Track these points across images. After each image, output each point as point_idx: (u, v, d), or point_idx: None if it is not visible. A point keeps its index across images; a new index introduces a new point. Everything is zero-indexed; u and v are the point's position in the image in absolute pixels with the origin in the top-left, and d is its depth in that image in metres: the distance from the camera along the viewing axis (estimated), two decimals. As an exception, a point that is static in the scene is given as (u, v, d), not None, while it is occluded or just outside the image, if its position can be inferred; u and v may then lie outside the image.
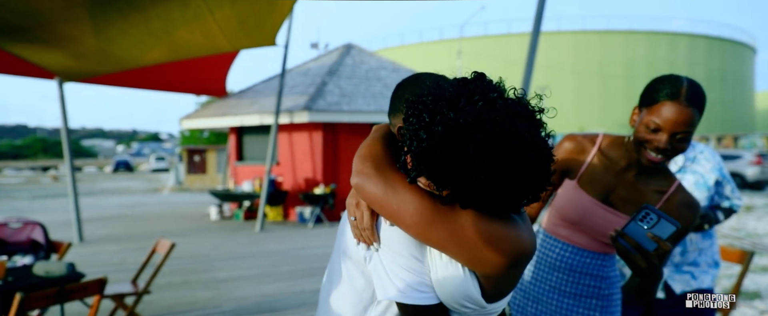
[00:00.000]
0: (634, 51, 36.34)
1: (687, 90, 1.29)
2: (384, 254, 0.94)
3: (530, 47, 4.95)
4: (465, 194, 0.84)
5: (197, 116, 11.66)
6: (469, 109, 0.83)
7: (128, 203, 14.19)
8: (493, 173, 0.80)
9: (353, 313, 1.02)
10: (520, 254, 0.91)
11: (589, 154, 1.56)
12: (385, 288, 0.93)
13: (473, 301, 0.93)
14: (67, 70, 6.56)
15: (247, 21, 5.46)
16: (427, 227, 0.89)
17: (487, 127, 0.81)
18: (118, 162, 40.89)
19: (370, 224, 0.96)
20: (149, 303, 4.28)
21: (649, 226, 1.07)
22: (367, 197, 0.95)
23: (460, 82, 0.89)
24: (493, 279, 0.92)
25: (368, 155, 0.99)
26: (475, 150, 0.80)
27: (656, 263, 1.10)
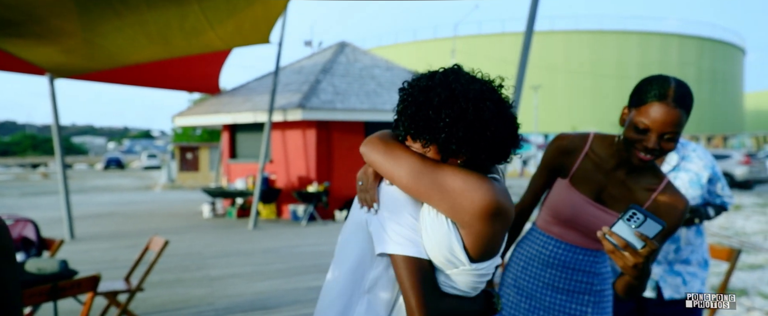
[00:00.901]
0: (626, 51, 36.60)
1: (674, 91, 1.31)
2: (383, 215, 1.09)
3: (523, 46, 4.98)
4: (437, 140, 1.04)
5: (190, 114, 11.60)
6: (439, 77, 1.08)
7: (120, 201, 14.10)
8: (456, 120, 1.02)
9: (354, 276, 1.13)
10: (492, 204, 1.03)
11: (581, 154, 1.58)
12: (383, 244, 1.07)
13: (456, 255, 1.07)
14: (58, 66, 6.51)
15: (242, 20, 5.45)
16: (414, 178, 1.07)
17: (450, 85, 1.05)
18: (109, 159, 40.54)
19: (373, 185, 1.13)
20: (142, 301, 4.27)
21: (637, 225, 1.10)
22: (371, 159, 1.14)
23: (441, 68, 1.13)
24: (472, 232, 1.06)
25: (376, 135, 1.21)
26: (439, 101, 1.03)
27: (644, 261, 1.13)
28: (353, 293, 1.12)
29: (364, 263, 1.12)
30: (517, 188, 17.66)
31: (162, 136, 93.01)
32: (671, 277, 2.13)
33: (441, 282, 1.10)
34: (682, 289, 2.11)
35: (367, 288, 1.12)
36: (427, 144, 1.06)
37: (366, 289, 1.12)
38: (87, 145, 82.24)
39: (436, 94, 1.04)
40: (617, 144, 1.49)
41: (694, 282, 2.13)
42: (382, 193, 1.11)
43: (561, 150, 1.61)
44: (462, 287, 1.10)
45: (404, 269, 1.05)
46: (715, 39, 40.88)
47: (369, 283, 1.12)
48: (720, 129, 35.25)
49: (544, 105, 32.21)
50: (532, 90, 25.51)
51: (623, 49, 36.55)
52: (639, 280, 1.21)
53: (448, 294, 1.10)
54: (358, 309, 1.11)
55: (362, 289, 1.12)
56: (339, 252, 1.19)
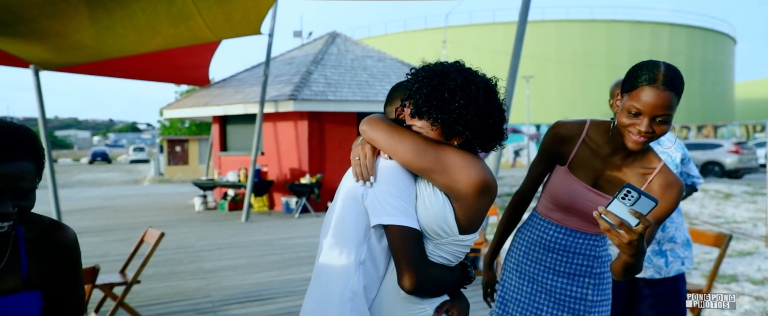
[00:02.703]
0: (617, 41, 36.79)
1: (664, 75, 1.34)
2: (379, 188, 1.19)
3: (517, 36, 4.97)
4: (447, 120, 1.17)
5: (180, 106, 11.47)
6: (452, 65, 1.23)
7: (108, 195, 13.94)
8: (467, 104, 1.16)
9: (350, 248, 1.20)
10: (484, 180, 1.19)
11: (578, 140, 1.60)
12: (378, 215, 1.17)
13: (448, 225, 1.20)
14: (43, 60, 6.38)
15: (232, 10, 5.36)
16: (419, 154, 1.18)
17: (465, 73, 1.19)
18: (94, 153, 39.99)
19: (371, 159, 1.22)
20: (137, 293, 4.23)
21: (631, 203, 1.14)
22: (373, 136, 1.24)
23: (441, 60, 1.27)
24: (463, 204, 1.19)
25: (374, 116, 1.31)
26: (455, 85, 1.17)
27: (639, 238, 1.16)
28: (349, 263, 1.19)
29: (358, 235, 1.21)
30: (509, 178, 17.77)
31: (149, 128, 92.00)
32: (656, 258, 2.20)
33: (429, 251, 1.22)
34: (663, 270, 2.20)
35: (362, 259, 1.20)
36: (435, 123, 1.18)
37: (361, 260, 1.20)
38: (71, 139, 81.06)
39: (452, 78, 1.18)
40: (612, 130, 1.51)
41: (675, 263, 2.22)
42: (379, 167, 1.21)
43: (558, 137, 1.63)
44: (447, 255, 1.24)
45: (398, 238, 1.15)
46: (706, 28, 41.18)
47: (364, 254, 1.20)
48: (710, 118, 35.66)
49: (536, 95, 32.32)
50: (523, 80, 25.59)
51: (614, 39, 36.72)
52: (635, 258, 1.24)
53: (434, 263, 1.22)
54: (355, 278, 1.19)
55: (358, 260, 1.20)
56: (335, 227, 1.25)
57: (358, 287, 1.18)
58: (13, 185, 1.02)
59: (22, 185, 1.04)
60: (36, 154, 1.07)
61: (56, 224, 1.20)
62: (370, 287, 1.21)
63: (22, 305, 1.13)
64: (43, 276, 1.17)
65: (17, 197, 1.04)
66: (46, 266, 1.17)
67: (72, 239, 1.20)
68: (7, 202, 1.02)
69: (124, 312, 3.55)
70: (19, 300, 1.13)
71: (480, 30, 37.25)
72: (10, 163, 1.01)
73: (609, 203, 1.16)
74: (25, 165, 1.04)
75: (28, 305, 1.14)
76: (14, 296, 1.12)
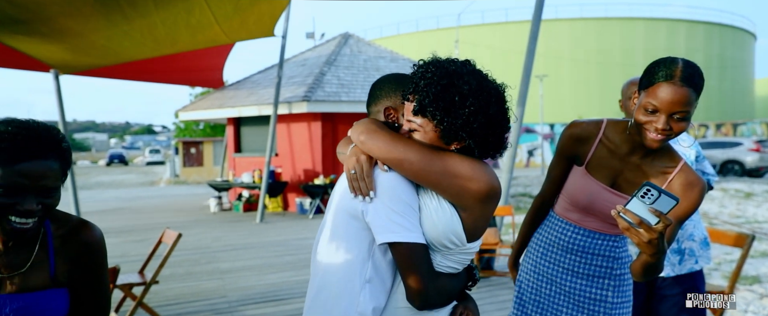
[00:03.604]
0: (632, 38, 36.24)
1: (682, 70, 1.32)
2: (379, 204, 1.12)
3: (531, 35, 4.94)
4: (452, 124, 1.10)
5: (194, 108, 11.59)
6: (466, 66, 1.15)
7: (125, 197, 14.15)
8: (477, 112, 1.10)
9: (353, 267, 1.14)
10: (492, 187, 1.14)
11: (595, 140, 1.58)
12: (383, 233, 1.10)
13: (458, 236, 1.15)
14: (64, 62, 6.50)
15: (247, 15, 5.42)
16: (427, 165, 1.11)
17: (478, 77, 1.13)
18: (112, 155, 40.59)
19: (369, 172, 1.14)
20: (155, 294, 4.28)
21: (651, 201, 1.12)
22: (373, 148, 1.15)
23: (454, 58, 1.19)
24: (471, 213, 1.14)
25: (367, 123, 1.21)
26: (469, 90, 1.10)
27: (659, 237, 1.14)
28: (354, 282, 1.14)
29: (361, 253, 1.15)
30: (523, 178, 17.64)
31: (164, 131, 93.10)
32: (673, 255, 2.17)
33: (436, 263, 1.17)
34: (676, 268, 2.17)
35: (368, 277, 1.15)
36: (439, 124, 1.11)
37: (367, 278, 1.15)
38: (89, 141, 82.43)
39: (466, 82, 1.11)
40: (630, 128, 1.49)
41: (689, 261, 2.19)
42: (378, 181, 1.14)
43: (574, 138, 1.61)
44: (454, 264, 1.20)
45: (406, 255, 1.10)
46: (724, 24, 40.33)
47: (369, 272, 1.15)
48: (730, 116, 34.93)
49: (550, 94, 32.00)
50: (537, 80, 25.38)
51: (629, 37, 36.19)
52: (655, 257, 1.22)
53: (442, 273, 1.18)
54: (362, 298, 1.14)
55: (363, 278, 1.15)
56: (333, 243, 1.18)
57: (365, 307, 1.13)
58: (37, 183, 1.05)
59: (46, 183, 1.06)
60: (62, 154, 1.10)
61: (84, 223, 1.23)
62: (378, 308, 1.16)
63: (50, 302, 1.15)
64: (71, 273, 1.19)
65: (41, 194, 1.07)
66: (74, 263, 1.19)
67: (99, 237, 1.23)
68: (31, 199, 1.04)
69: (143, 312, 3.60)
70: (47, 297, 1.15)
71: (492, 29, 37.01)
72: (36, 160, 1.04)
73: (628, 201, 1.14)
74: (50, 164, 1.06)
75: (56, 301, 1.17)
76: (42, 293, 1.15)
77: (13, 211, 1.04)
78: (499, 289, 4.41)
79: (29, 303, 1.12)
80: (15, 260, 1.12)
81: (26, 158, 1.03)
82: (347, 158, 1.19)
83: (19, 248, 1.14)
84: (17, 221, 1.05)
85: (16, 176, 1.02)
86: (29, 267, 1.14)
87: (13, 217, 1.05)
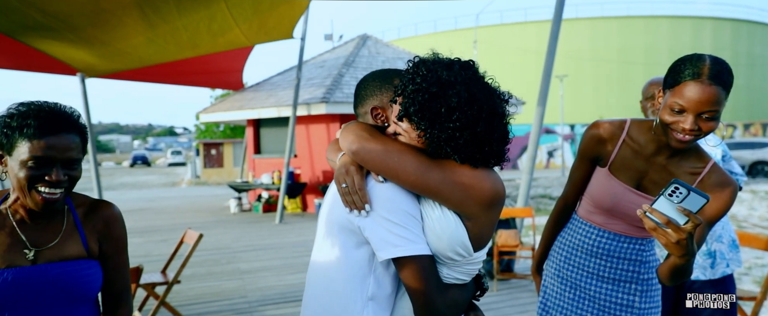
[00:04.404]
0: (656, 37, 35.49)
1: (710, 68, 1.27)
2: (377, 217, 1.03)
3: (551, 34, 4.87)
4: (436, 137, 1.02)
5: (215, 110, 11.75)
6: (460, 73, 1.04)
7: (148, 197, 14.42)
8: (463, 128, 1.01)
9: (353, 285, 1.08)
10: (496, 193, 1.07)
11: (618, 141, 1.53)
12: (383, 249, 1.02)
13: (465, 247, 1.07)
14: (90, 67, 6.67)
15: (267, 19, 5.48)
16: (424, 173, 1.03)
17: (471, 88, 1.02)
18: (135, 157, 41.45)
19: (361, 184, 1.05)
20: (177, 293, 4.35)
21: (679, 200, 1.07)
22: (366, 158, 1.06)
23: (456, 58, 1.09)
24: (477, 221, 1.07)
25: (356, 129, 1.11)
26: (457, 103, 1.01)
27: (688, 237, 1.09)
28: (356, 300, 1.08)
29: (362, 269, 1.08)
30: (543, 179, 17.44)
31: (185, 132, 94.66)
32: (703, 258, 2.11)
33: (444, 275, 1.10)
34: (708, 272, 2.10)
35: (371, 294, 1.08)
36: (424, 135, 1.03)
37: (369, 295, 1.08)
38: (114, 143, 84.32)
39: (455, 93, 1.01)
40: (655, 128, 1.44)
41: (721, 265, 2.12)
42: (373, 193, 1.05)
43: (597, 139, 1.56)
44: (461, 276, 1.12)
45: (411, 270, 1.02)
46: (752, 21, 39.22)
47: (371, 289, 1.08)
48: (758, 115, 33.91)
49: (570, 95, 31.56)
50: (557, 80, 25.06)
51: (652, 35, 35.46)
52: (684, 259, 1.17)
53: (451, 285, 1.10)
54: None
55: (365, 296, 1.08)
56: (328, 257, 1.12)
57: None
58: (63, 155, 1.13)
59: (71, 155, 1.15)
60: (81, 130, 1.18)
61: (102, 201, 1.31)
62: None
63: (87, 270, 1.21)
64: (100, 246, 1.26)
65: (66, 166, 1.15)
66: (101, 235, 1.26)
67: (118, 213, 1.32)
68: (59, 169, 1.13)
69: (165, 311, 3.65)
70: (83, 266, 1.21)
71: (511, 29, 36.66)
72: (60, 134, 1.13)
73: (654, 200, 1.10)
74: (72, 137, 1.15)
75: (92, 270, 1.23)
76: (79, 262, 1.21)
77: (43, 182, 1.12)
78: (519, 292, 4.36)
79: (69, 270, 1.18)
80: (44, 235, 1.20)
81: (52, 132, 1.12)
82: (337, 170, 1.10)
83: (47, 223, 1.21)
84: (47, 191, 1.13)
85: (44, 149, 1.11)
86: (61, 239, 1.21)
87: (42, 188, 1.13)
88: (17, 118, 1.13)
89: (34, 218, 1.20)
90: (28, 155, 1.11)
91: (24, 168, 1.12)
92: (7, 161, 1.16)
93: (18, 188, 1.14)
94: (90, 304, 1.24)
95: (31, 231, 1.19)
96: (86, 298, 1.22)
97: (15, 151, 1.13)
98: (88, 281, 1.21)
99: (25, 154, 1.11)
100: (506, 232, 4.54)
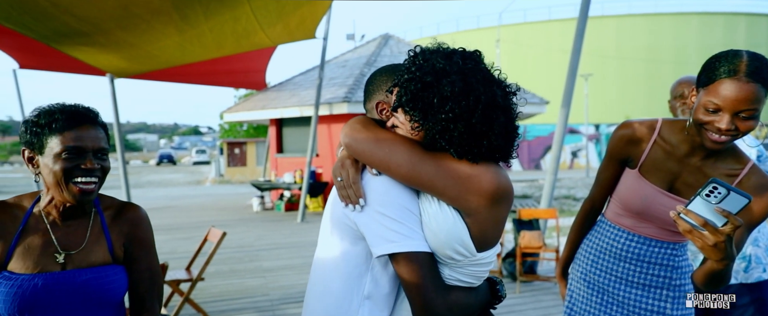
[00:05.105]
0: (685, 34, 34.55)
1: (747, 65, 1.20)
2: (372, 211, 0.99)
3: (577, 33, 4.78)
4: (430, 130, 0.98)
5: (238, 109, 11.91)
6: (458, 63, 0.98)
7: (173, 195, 14.72)
8: (457, 118, 0.95)
9: (349, 283, 1.04)
10: (498, 187, 0.98)
11: (649, 141, 1.48)
12: (378, 244, 0.98)
13: (465, 246, 1.00)
14: (119, 68, 6.85)
15: (289, 17, 5.53)
16: (416, 164, 0.98)
17: (468, 78, 0.96)
18: (161, 155, 42.38)
19: (356, 178, 1.02)
20: (201, 290, 4.42)
21: (717, 200, 1.01)
22: (358, 150, 1.04)
23: (460, 48, 1.03)
24: (477, 218, 0.99)
25: (353, 123, 1.10)
26: (450, 92, 0.95)
27: (726, 240, 1.03)
28: (352, 300, 1.04)
29: (358, 266, 1.04)
30: (566, 180, 17.17)
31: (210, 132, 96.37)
32: (736, 261, 2.03)
33: (446, 276, 1.03)
34: (740, 275, 2.02)
35: (367, 293, 1.04)
36: (418, 127, 0.99)
37: (366, 294, 1.04)
38: (141, 142, 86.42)
39: (450, 82, 0.96)
40: (688, 128, 1.39)
41: (756, 269, 2.03)
42: (368, 186, 1.01)
43: (626, 139, 1.51)
44: (467, 278, 1.04)
45: (406, 267, 0.96)
46: (791, 16, 37.83)
47: (368, 287, 1.04)
48: (797, 115, 32.75)
49: (595, 94, 30.99)
50: (582, 79, 24.64)
51: (682, 32, 34.53)
52: (722, 263, 1.10)
53: (454, 287, 1.03)
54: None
55: (361, 294, 1.04)
56: (327, 254, 1.09)
57: None
58: (94, 144, 1.19)
59: (100, 144, 1.21)
60: (103, 124, 1.25)
61: (128, 203, 1.33)
62: None
63: (112, 276, 1.23)
64: (126, 249, 1.28)
65: (98, 155, 1.20)
66: (127, 238, 1.29)
67: (144, 214, 1.34)
68: (91, 158, 1.19)
69: (189, 307, 3.72)
70: (109, 271, 1.23)
71: (535, 28, 36.18)
72: (89, 126, 1.20)
73: (690, 200, 1.04)
74: (98, 129, 1.22)
75: (118, 275, 1.25)
76: (105, 267, 1.23)
77: (78, 171, 1.17)
78: (542, 294, 4.30)
79: (95, 276, 1.21)
80: (74, 238, 1.22)
81: (80, 124, 1.19)
82: (334, 167, 1.09)
83: (77, 225, 1.24)
84: (82, 181, 1.17)
85: (76, 140, 1.17)
86: (88, 242, 1.23)
87: (78, 178, 1.17)
88: (44, 116, 1.18)
89: (65, 218, 1.23)
90: (62, 147, 1.15)
91: (59, 161, 1.15)
92: (39, 161, 1.19)
93: (54, 183, 1.17)
94: (114, 308, 1.26)
95: (61, 233, 1.22)
96: (110, 303, 1.23)
97: (47, 148, 1.17)
98: (113, 287, 1.23)
99: (59, 147, 1.15)
100: (529, 233, 4.48)
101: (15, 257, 1.17)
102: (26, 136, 1.19)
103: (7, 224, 1.20)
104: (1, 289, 1.14)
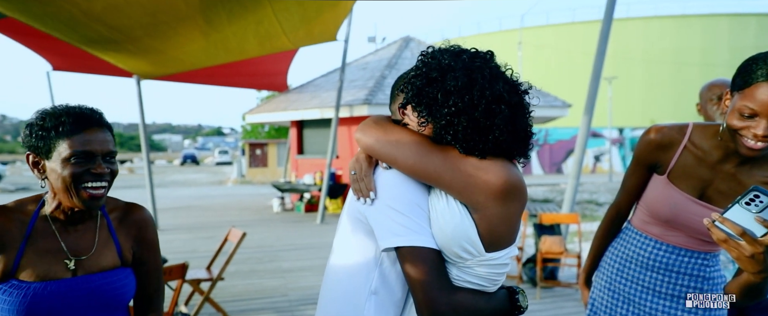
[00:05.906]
0: (715, 36, 33.65)
1: None
2: (382, 204, 1.00)
3: (601, 35, 4.70)
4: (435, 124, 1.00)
5: (260, 111, 12.05)
6: (465, 60, 0.99)
7: (196, 195, 14.96)
8: (460, 112, 0.96)
9: (358, 277, 1.05)
10: (507, 182, 0.97)
11: (679, 147, 1.42)
12: (385, 237, 0.98)
13: (472, 243, 0.98)
14: (145, 71, 7.02)
15: (310, 20, 5.58)
16: (423, 157, 0.99)
17: (473, 74, 0.97)
18: (185, 155, 43.21)
19: (368, 171, 1.04)
20: (221, 289, 4.48)
21: (759, 209, 0.96)
22: (368, 143, 1.07)
23: (472, 49, 1.05)
24: (485, 214, 0.98)
25: (367, 120, 1.14)
26: (454, 87, 0.97)
27: (765, 250, 0.99)
28: (359, 294, 1.04)
29: (367, 262, 1.04)
30: (589, 184, 16.87)
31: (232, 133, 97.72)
32: None
33: (454, 277, 1.01)
34: None
35: (374, 288, 1.03)
36: (424, 123, 1.02)
37: (372, 289, 1.03)
38: (166, 142, 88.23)
39: (454, 77, 0.97)
40: (721, 134, 1.33)
41: None
42: (379, 180, 1.03)
43: (655, 144, 1.45)
44: (478, 280, 1.01)
45: (411, 262, 0.96)
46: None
47: (375, 282, 1.04)
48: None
49: (620, 97, 30.39)
50: (606, 82, 24.19)
51: (710, 34, 33.65)
52: (760, 276, 1.06)
53: (463, 288, 1.00)
54: (366, 312, 1.03)
55: (368, 289, 1.04)
56: (339, 250, 1.11)
57: None
58: (102, 147, 1.16)
59: (109, 148, 1.18)
60: (109, 126, 1.23)
61: (132, 204, 1.32)
62: None
63: (122, 280, 1.23)
64: (133, 251, 1.28)
65: (106, 159, 1.18)
66: (134, 240, 1.28)
67: (150, 217, 1.33)
68: (102, 162, 1.16)
69: (209, 306, 3.76)
70: (119, 275, 1.23)
71: (557, 30, 35.72)
72: (96, 129, 1.17)
73: (727, 208, 1.00)
74: (106, 132, 1.19)
75: (128, 278, 1.25)
76: (115, 272, 1.23)
77: (88, 175, 1.14)
78: (563, 300, 4.22)
79: (106, 282, 1.20)
80: (82, 243, 1.21)
81: (87, 127, 1.15)
82: (350, 162, 1.12)
83: (84, 229, 1.22)
84: (92, 186, 1.14)
85: (84, 144, 1.13)
86: (97, 248, 1.22)
87: (88, 183, 1.14)
88: (49, 119, 1.13)
89: (72, 223, 1.20)
90: (70, 151, 1.11)
91: (68, 166, 1.12)
92: (45, 166, 1.15)
93: (62, 188, 1.13)
94: (123, 310, 1.26)
95: (70, 239, 1.19)
96: (120, 306, 1.23)
97: (54, 153, 1.12)
98: (124, 290, 1.22)
99: (67, 151, 1.11)
100: (551, 238, 4.41)
101: (23, 264, 1.13)
102: (31, 141, 1.14)
103: (12, 230, 1.14)
104: (12, 298, 1.10)
